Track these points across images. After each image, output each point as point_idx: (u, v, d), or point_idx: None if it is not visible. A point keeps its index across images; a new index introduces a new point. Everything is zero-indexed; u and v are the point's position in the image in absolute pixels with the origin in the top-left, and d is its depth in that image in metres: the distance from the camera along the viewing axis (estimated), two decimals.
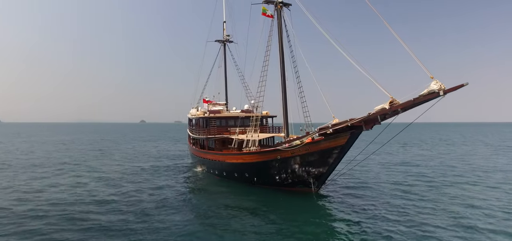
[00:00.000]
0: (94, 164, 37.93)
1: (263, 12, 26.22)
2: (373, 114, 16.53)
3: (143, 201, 20.13)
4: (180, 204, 19.91)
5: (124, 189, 23.99)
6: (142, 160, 42.68)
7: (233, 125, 34.23)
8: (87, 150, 58.49)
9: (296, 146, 20.57)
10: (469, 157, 44.33)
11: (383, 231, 14.42)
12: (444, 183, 25.58)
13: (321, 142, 19.61)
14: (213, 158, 28.38)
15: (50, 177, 28.93)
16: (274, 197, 21.33)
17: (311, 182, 21.46)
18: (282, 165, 21.82)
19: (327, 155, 19.90)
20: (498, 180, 26.65)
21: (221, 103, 39.67)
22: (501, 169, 32.95)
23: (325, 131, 18.66)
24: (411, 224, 15.27)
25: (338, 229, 15.09)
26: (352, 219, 16.52)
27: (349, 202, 19.83)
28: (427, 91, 14.25)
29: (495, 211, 17.44)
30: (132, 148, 62.22)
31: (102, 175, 30.46)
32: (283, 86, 25.65)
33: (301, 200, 20.26)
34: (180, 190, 23.89)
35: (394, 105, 15.66)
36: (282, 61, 25.74)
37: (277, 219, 16.71)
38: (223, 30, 39.67)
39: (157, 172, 32.28)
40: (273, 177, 22.76)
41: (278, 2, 25.82)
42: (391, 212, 17.35)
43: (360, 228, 15.05)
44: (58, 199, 20.55)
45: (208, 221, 16.56)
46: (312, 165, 20.78)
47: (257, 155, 23.14)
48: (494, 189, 23.49)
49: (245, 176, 24.55)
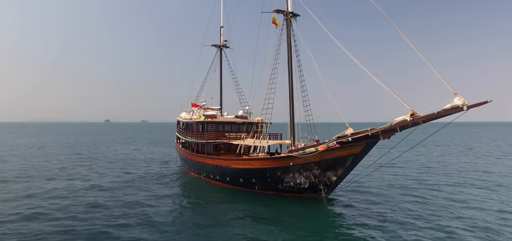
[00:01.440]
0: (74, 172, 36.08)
1: (273, 21, 26.70)
2: (394, 125, 17.33)
3: (149, 213, 19.28)
4: (191, 213, 19.71)
5: (122, 199, 23.17)
6: (133, 166, 41.23)
7: (229, 131, 34.17)
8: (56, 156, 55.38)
9: (310, 153, 21.02)
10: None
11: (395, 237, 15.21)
12: (466, 191, 25.42)
13: (336, 150, 20.19)
14: (214, 163, 28.11)
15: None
16: (283, 204, 21.65)
17: (321, 189, 22.01)
18: (294, 172, 22.16)
19: (341, 163, 20.52)
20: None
21: (215, 108, 39.44)
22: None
23: (344, 140, 19.26)
24: (422, 228, 16.18)
25: (349, 236, 15.72)
26: (362, 224, 17.24)
27: (360, 207, 20.55)
28: (450, 106, 15.26)
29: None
30: (114, 151, 59.76)
31: (93, 182, 29.12)
32: (291, 95, 26.09)
33: (311, 206, 20.75)
34: (185, 199, 23.52)
35: (415, 118, 16.56)
36: (290, 70, 26.23)
37: (289, 226, 17.20)
38: (220, 35, 39.66)
39: (148, 179, 31.43)
40: (283, 183, 23.02)
41: (288, 13, 26.40)
42: (401, 216, 18.19)
43: (371, 234, 15.72)
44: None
45: (220, 229, 16.63)
46: (325, 172, 21.30)
47: (268, 161, 23.31)
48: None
49: (251, 182, 24.60)
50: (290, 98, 26.05)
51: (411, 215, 18.88)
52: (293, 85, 26.04)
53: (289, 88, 26.07)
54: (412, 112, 16.85)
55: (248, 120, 35.63)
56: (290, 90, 26.08)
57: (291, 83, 26.14)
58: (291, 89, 26.09)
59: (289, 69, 26.24)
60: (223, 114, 39.23)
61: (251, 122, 34.97)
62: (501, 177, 31.79)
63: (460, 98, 14.99)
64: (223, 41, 39.09)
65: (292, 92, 26.07)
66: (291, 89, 26.08)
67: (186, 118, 39.11)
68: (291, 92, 26.07)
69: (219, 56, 39.67)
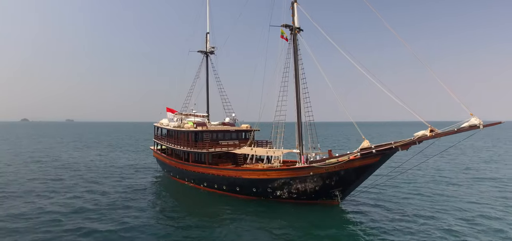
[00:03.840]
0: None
1: (281, 35, 27.79)
2: (416, 139, 19.82)
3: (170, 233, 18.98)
4: (210, 228, 19.85)
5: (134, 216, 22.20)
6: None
7: (222, 139, 34.30)
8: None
9: (332, 164, 22.70)
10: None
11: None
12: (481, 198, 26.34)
13: (356, 160, 22.19)
14: (221, 174, 28.18)
15: None
16: (298, 210, 23.08)
17: (337, 195, 23.89)
18: (312, 181, 23.62)
19: (359, 172, 22.55)
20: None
21: (200, 115, 39.00)
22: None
23: (368, 152, 21.29)
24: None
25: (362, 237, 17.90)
26: (375, 228, 19.32)
27: (371, 211, 22.78)
28: (468, 125, 18.11)
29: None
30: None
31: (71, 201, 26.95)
32: (298, 106, 27.45)
33: (326, 212, 22.69)
34: (196, 216, 23.34)
35: (436, 134, 19.21)
36: (297, 81, 27.59)
37: (305, 231, 18.90)
38: (206, 41, 39.22)
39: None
40: (300, 192, 24.31)
41: (294, 27, 27.72)
42: (409, 220, 20.82)
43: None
44: None
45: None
46: (343, 180, 23.18)
47: (288, 171, 24.36)
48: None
49: (266, 191, 25.42)
50: (298, 109, 27.43)
51: (422, 220, 21.61)
52: (299, 94, 27.49)
53: (297, 99, 27.43)
54: (431, 128, 19.48)
55: (240, 127, 36.14)
56: (297, 101, 27.46)
57: (298, 94, 27.55)
58: (298, 100, 27.47)
59: (296, 80, 27.60)
60: (210, 121, 39.01)
61: (242, 130, 35.64)
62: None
63: (476, 118, 17.91)
64: (211, 47, 38.78)
65: (299, 103, 27.48)
66: (298, 100, 27.49)
67: (172, 125, 37.96)
68: (298, 103, 27.47)
69: (206, 63, 39.25)
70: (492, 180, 34.48)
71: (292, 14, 27.94)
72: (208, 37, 39.10)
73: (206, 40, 39.15)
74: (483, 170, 40.84)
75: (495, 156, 56.22)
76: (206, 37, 39.17)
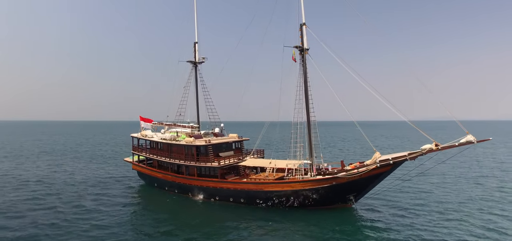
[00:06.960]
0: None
1: (293, 57, 30.23)
2: (424, 151, 24.60)
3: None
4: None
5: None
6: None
7: (220, 150, 35.19)
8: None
9: (353, 174, 26.36)
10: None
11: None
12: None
13: (373, 169, 26.22)
14: (239, 187, 29.46)
15: None
16: (315, 214, 26.40)
17: (351, 199, 27.74)
18: (334, 189, 26.94)
19: (374, 179, 26.71)
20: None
21: (190, 125, 38.75)
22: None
23: (386, 163, 25.41)
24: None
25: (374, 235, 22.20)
26: (386, 229, 23.35)
27: (382, 211, 27.27)
28: (466, 140, 23.44)
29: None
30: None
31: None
32: (308, 120, 30.37)
33: (339, 215, 26.42)
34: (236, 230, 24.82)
35: (439, 147, 24.24)
36: (307, 98, 30.46)
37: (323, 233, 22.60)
38: (195, 51, 38.93)
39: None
40: (320, 198, 27.37)
41: (304, 49, 30.42)
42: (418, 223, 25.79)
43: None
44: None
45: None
46: (359, 186, 27.07)
47: (312, 182, 27.11)
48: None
49: (289, 202, 27.86)
50: (308, 124, 30.34)
51: (427, 216, 26.79)
52: (309, 111, 30.44)
53: (307, 116, 30.31)
54: (435, 143, 24.49)
55: (234, 138, 37.38)
56: (308, 117, 30.34)
57: (307, 109, 30.47)
58: (308, 117, 30.38)
59: (306, 97, 30.46)
60: (200, 131, 39.09)
61: (237, 140, 37.09)
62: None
63: (471, 136, 23.41)
64: (201, 58, 38.67)
65: (309, 118, 30.41)
66: (309, 116, 30.41)
67: (159, 137, 37.05)
68: (309, 119, 30.39)
69: (194, 73, 38.99)
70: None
71: (300, 36, 30.55)
72: (196, 47, 38.88)
73: (194, 49, 38.86)
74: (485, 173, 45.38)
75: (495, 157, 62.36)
76: (194, 47, 38.87)
